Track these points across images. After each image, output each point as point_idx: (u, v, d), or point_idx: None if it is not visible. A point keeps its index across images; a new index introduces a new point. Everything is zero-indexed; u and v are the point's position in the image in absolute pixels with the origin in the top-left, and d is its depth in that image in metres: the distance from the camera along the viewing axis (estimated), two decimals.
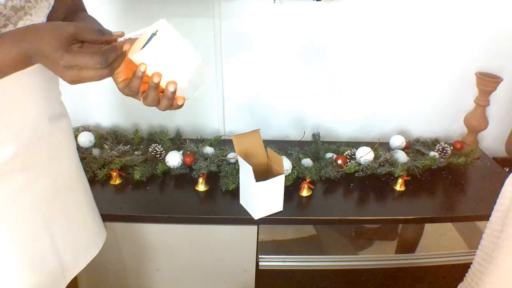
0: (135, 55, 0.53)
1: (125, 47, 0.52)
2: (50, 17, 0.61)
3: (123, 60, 0.53)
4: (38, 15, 0.56)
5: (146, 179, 1.11)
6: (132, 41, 0.55)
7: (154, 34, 0.53)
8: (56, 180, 0.68)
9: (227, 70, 1.30)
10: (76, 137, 1.20)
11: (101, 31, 0.51)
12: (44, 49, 0.47)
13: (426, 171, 1.19)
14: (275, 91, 1.35)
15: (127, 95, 0.59)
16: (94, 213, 0.81)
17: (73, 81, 0.50)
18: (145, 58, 0.53)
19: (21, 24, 0.53)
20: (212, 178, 1.12)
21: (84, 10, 0.71)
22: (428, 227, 1.12)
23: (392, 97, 1.36)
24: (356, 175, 1.16)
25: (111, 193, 1.07)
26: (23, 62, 0.48)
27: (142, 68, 0.53)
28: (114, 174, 1.09)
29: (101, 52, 0.50)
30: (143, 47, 0.52)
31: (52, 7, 0.60)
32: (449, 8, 1.21)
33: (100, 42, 0.51)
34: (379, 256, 1.13)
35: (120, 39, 0.52)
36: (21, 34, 0.48)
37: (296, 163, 1.14)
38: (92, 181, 1.10)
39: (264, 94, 1.35)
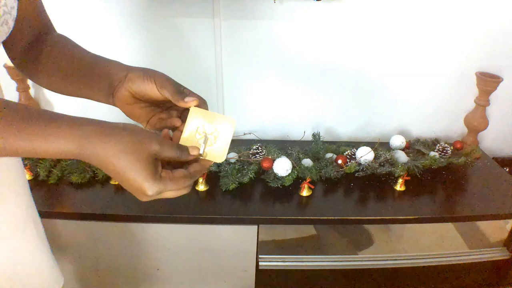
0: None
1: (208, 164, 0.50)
2: (12, 41, 0.55)
3: None
4: None
5: None
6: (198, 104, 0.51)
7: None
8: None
9: (227, 70, 1.30)
10: None
11: (179, 147, 0.47)
12: (122, 172, 0.41)
13: (426, 171, 1.19)
14: (275, 91, 1.35)
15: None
16: (48, 257, 0.70)
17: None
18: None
19: None
20: (212, 178, 1.12)
21: (53, 30, 0.62)
22: (428, 227, 1.12)
23: (392, 97, 1.36)
24: (356, 175, 1.16)
25: (111, 193, 1.07)
26: (68, 158, 0.42)
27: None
28: None
29: (191, 174, 0.46)
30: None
31: (13, 30, 0.52)
32: (449, 8, 1.21)
33: (178, 160, 0.47)
34: (379, 256, 1.13)
35: (192, 151, 0.49)
36: (83, 133, 0.40)
37: (296, 163, 1.14)
38: (92, 181, 1.10)
39: (264, 94, 1.35)
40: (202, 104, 0.52)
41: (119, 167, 0.41)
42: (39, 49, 0.57)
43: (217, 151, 0.52)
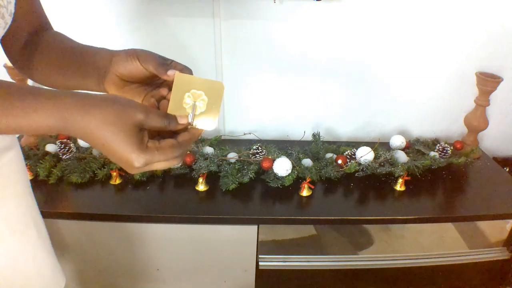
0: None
1: (198, 132, 0.48)
2: (9, 38, 0.55)
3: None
4: None
5: (146, 179, 1.11)
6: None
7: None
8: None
9: (227, 70, 1.30)
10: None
11: (167, 116, 0.45)
12: (106, 144, 0.39)
13: (426, 171, 1.19)
14: (275, 91, 1.35)
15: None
16: (50, 258, 0.70)
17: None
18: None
19: None
20: (212, 178, 1.12)
21: (50, 27, 0.62)
22: (428, 227, 1.12)
23: (392, 97, 1.36)
24: (356, 175, 1.16)
25: (111, 193, 1.07)
26: (54, 133, 0.40)
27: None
28: (114, 174, 1.09)
29: (180, 144, 0.44)
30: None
31: (10, 26, 0.52)
32: (449, 8, 1.21)
33: (165, 130, 0.45)
34: (379, 256, 1.13)
35: (181, 120, 0.47)
36: (64, 106, 0.38)
37: (296, 163, 1.14)
38: (92, 181, 1.10)
39: (264, 94, 1.35)
40: (187, 71, 0.51)
41: (102, 139, 0.39)
42: (35, 45, 0.58)
43: (207, 119, 0.50)
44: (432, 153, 1.22)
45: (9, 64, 1.18)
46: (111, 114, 0.39)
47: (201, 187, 1.08)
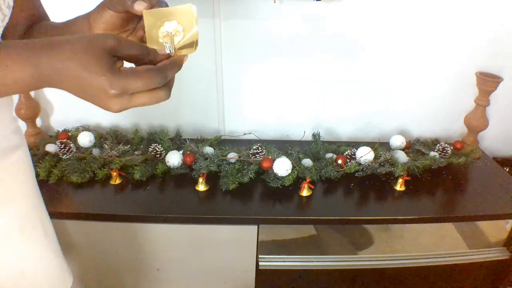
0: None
1: (184, 60, 0.46)
2: (8, 32, 0.55)
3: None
4: None
5: (146, 179, 1.11)
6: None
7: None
8: (6, 223, 0.58)
9: (227, 70, 1.30)
10: (76, 137, 1.20)
11: (143, 45, 0.43)
12: (78, 74, 0.37)
13: (426, 171, 1.19)
14: (275, 91, 1.35)
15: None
16: (57, 257, 0.70)
17: (120, 110, 0.40)
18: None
19: None
20: (212, 178, 1.12)
21: (48, 19, 0.62)
22: (428, 227, 1.12)
23: (392, 97, 1.36)
24: (356, 175, 1.16)
25: (111, 193, 1.07)
26: (34, 86, 0.38)
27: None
28: (114, 174, 1.09)
29: (159, 68, 0.41)
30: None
31: (9, 19, 0.52)
32: (449, 8, 1.21)
33: (143, 60, 0.43)
34: (379, 256, 1.13)
35: (161, 51, 0.46)
36: (34, 50, 0.37)
37: (296, 163, 1.14)
38: (92, 181, 1.10)
39: (264, 94, 1.35)
40: (157, 3, 0.48)
41: (74, 70, 0.37)
42: (31, 36, 0.58)
43: (187, 44, 0.49)
44: (432, 153, 1.22)
45: None
46: (82, 44, 0.38)
47: (201, 187, 1.08)
